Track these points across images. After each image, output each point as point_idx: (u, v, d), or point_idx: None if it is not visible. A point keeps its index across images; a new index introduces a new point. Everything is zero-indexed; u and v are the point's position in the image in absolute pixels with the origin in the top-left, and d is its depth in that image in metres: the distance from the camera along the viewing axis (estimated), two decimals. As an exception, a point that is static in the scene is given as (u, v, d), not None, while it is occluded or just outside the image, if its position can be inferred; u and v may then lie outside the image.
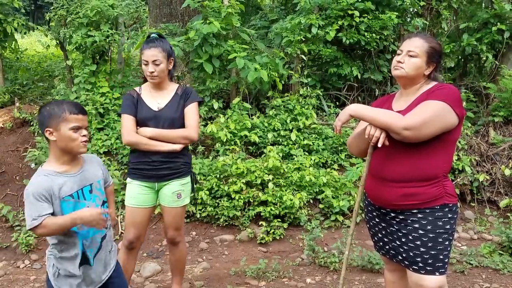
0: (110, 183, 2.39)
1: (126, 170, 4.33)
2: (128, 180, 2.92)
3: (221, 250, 4.33)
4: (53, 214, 1.99)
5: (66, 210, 2.02)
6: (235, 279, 3.72)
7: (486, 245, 4.32)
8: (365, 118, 2.15)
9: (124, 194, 3.24)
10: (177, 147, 2.83)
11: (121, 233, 4.35)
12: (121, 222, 4.49)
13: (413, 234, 2.16)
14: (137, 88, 2.96)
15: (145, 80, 2.95)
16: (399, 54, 2.25)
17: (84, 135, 2.05)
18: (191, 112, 2.89)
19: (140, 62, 2.91)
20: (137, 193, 2.87)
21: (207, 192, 4.50)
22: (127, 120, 2.82)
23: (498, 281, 3.72)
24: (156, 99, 2.88)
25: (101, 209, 2.09)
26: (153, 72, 2.78)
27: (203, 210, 4.55)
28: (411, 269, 2.20)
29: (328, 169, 5.06)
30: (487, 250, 4.21)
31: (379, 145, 2.10)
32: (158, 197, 2.97)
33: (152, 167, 2.83)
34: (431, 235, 2.13)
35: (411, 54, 2.19)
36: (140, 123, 2.84)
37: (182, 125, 2.88)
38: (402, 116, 2.08)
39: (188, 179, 2.97)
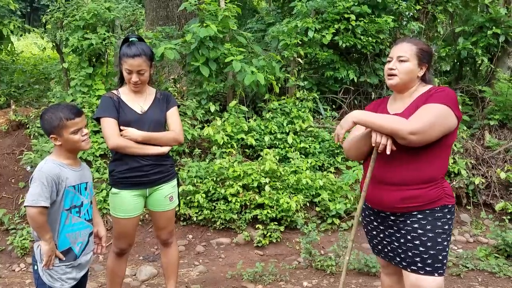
0: (93, 194, 2.49)
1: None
2: (114, 190, 2.76)
3: (218, 253, 4.32)
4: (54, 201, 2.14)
5: (67, 198, 2.20)
6: (232, 283, 3.71)
7: (482, 248, 4.33)
8: (370, 125, 2.10)
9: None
10: (166, 149, 2.79)
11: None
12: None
13: (412, 234, 2.16)
14: (114, 91, 2.81)
15: (122, 83, 2.85)
16: (389, 61, 2.25)
17: (85, 134, 2.24)
18: (175, 115, 2.87)
19: (118, 64, 2.79)
20: (127, 203, 2.74)
21: (204, 195, 4.49)
22: (111, 123, 2.67)
23: (494, 284, 3.73)
24: (138, 102, 2.78)
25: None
26: (137, 81, 2.70)
27: (199, 213, 4.54)
28: (409, 269, 2.19)
29: (325, 172, 5.07)
30: (483, 253, 4.22)
31: (388, 152, 2.06)
32: (146, 202, 2.89)
33: (143, 173, 2.72)
34: (430, 235, 2.13)
35: (401, 59, 2.20)
36: (122, 127, 2.70)
37: (165, 128, 2.85)
38: (407, 121, 2.06)
39: (175, 180, 2.94)
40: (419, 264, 2.15)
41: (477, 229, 5.01)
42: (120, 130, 2.70)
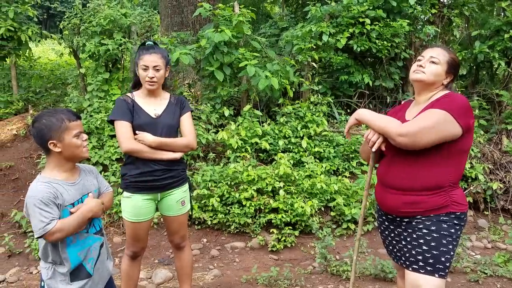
0: (109, 189, 2.31)
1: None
2: (126, 194, 2.76)
3: (232, 257, 4.32)
4: None
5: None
6: (247, 287, 3.70)
7: (501, 254, 4.26)
8: (366, 122, 2.22)
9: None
10: (178, 155, 2.79)
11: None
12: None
13: (417, 233, 2.17)
14: (129, 94, 2.82)
15: (135, 87, 2.87)
16: (420, 60, 2.27)
17: (85, 140, 2.07)
18: (188, 121, 2.87)
19: (134, 68, 2.82)
20: (138, 207, 2.75)
21: (218, 199, 4.50)
22: (124, 127, 2.68)
23: (513, 291, 3.67)
24: (151, 106, 2.80)
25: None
26: (153, 77, 2.72)
27: (214, 217, 4.55)
28: (410, 268, 2.18)
29: (340, 177, 5.04)
30: (501, 259, 4.15)
31: (373, 149, 2.19)
32: (158, 206, 2.89)
33: (155, 177, 2.73)
34: (435, 235, 2.13)
35: (433, 61, 2.21)
36: (136, 130, 2.71)
37: (177, 133, 2.85)
38: (400, 123, 2.12)
39: (187, 185, 2.94)
40: (420, 263, 2.14)
41: (495, 234, 4.92)
42: (134, 134, 2.72)
